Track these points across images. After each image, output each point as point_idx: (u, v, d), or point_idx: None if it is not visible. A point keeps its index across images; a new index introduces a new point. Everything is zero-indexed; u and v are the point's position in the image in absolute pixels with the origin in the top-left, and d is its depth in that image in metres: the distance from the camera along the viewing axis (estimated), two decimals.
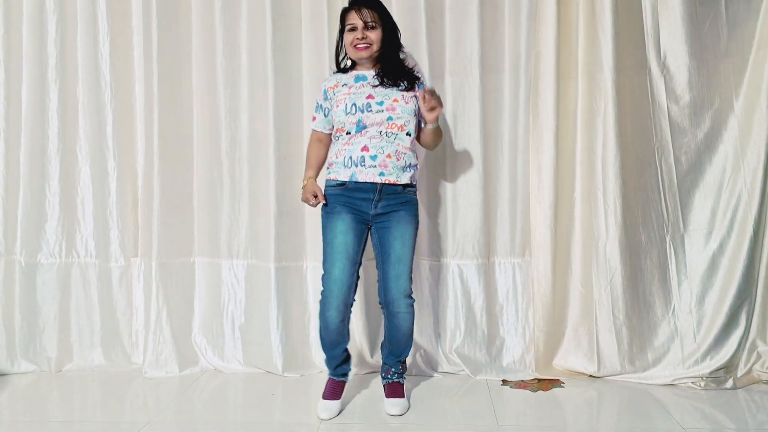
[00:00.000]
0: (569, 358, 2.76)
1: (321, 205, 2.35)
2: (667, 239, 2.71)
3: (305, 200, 2.37)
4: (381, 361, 2.50)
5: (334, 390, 2.42)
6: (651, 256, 2.71)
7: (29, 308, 2.87)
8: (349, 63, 2.42)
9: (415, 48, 2.72)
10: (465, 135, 2.77)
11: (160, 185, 2.80)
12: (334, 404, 2.38)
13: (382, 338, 2.48)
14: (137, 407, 2.52)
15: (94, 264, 2.89)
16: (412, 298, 2.36)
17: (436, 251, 2.81)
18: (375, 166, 2.28)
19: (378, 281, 2.38)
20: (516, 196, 2.79)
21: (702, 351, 2.64)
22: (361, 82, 2.35)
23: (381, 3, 2.37)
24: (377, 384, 2.58)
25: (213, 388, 2.68)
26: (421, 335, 2.81)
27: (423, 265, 2.82)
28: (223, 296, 2.90)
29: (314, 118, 2.45)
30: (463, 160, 2.77)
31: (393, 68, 2.34)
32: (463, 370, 2.75)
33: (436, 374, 2.77)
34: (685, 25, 2.64)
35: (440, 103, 2.26)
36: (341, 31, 2.37)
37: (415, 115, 2.33)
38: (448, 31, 2.74)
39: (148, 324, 2.84)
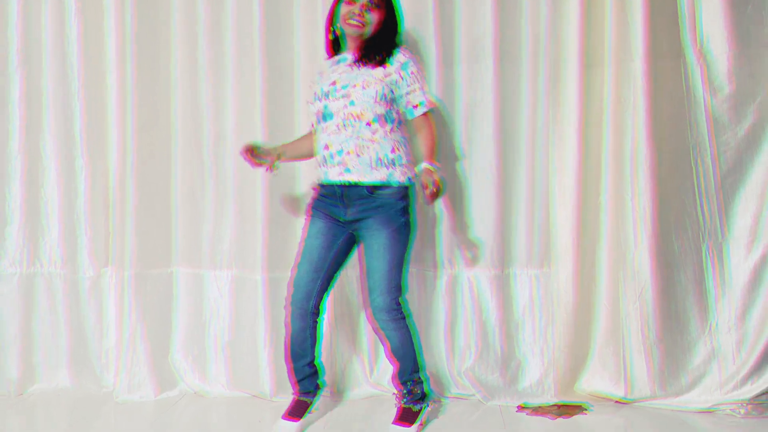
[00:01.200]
0: (594, 381, 2.66)
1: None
2: (704, 249, 2.62)
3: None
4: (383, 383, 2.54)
5: (296, 409, 2.33)
6: (686, 268, 2.62)
7: None
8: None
9: (421, 32, 2.62)
10: (478, 130, 2.66)
11: (136, 186, 2.68)
12: (292, 425, 2.30)
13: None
14: None
15: (60, 274, 2.77)
16: (397, 312, 2.24)
17: (444, 261, 2.70)
18: (336, 165, 2.21)
19: None
20: (535, 198, 2.68)
21: (743, 374, 2.54)
22: (340, 64, 2.28)
23: None
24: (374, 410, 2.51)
25: (193, 414, 2.56)
26: (428, 355, 2.65)
27: (429, 276, 2.71)
28: (205, 311, 2.79)
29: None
30: (476, 158, 2.67)
31: (376, 49, 2.22)
32: (475, 395, 2.62)
33: (444, 399, 2.65)
34: (725, 8, 2.54)
35: (438, 194, 2.08)
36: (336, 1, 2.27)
37: (378, 100, 2.18)
38: (459, 12, 2.64)
39: (120, 342, 2.73)
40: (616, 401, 2.59)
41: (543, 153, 2.65)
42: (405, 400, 2.31)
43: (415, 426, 2.27)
